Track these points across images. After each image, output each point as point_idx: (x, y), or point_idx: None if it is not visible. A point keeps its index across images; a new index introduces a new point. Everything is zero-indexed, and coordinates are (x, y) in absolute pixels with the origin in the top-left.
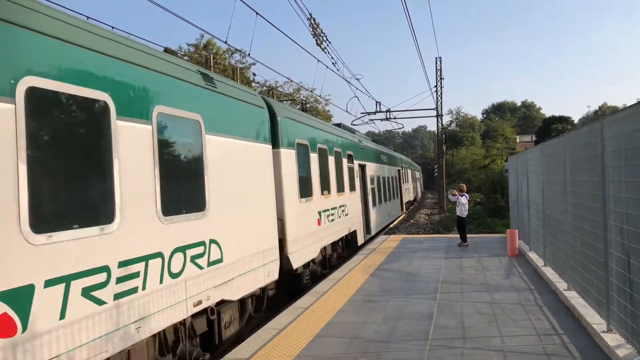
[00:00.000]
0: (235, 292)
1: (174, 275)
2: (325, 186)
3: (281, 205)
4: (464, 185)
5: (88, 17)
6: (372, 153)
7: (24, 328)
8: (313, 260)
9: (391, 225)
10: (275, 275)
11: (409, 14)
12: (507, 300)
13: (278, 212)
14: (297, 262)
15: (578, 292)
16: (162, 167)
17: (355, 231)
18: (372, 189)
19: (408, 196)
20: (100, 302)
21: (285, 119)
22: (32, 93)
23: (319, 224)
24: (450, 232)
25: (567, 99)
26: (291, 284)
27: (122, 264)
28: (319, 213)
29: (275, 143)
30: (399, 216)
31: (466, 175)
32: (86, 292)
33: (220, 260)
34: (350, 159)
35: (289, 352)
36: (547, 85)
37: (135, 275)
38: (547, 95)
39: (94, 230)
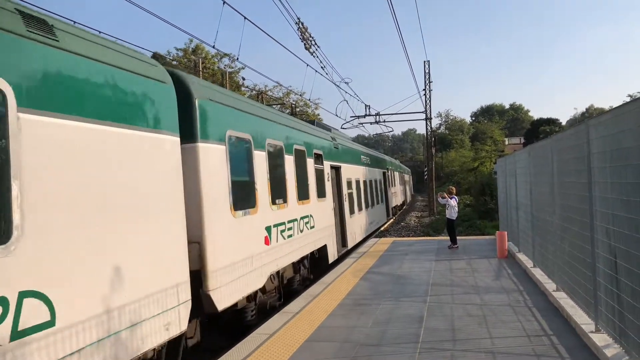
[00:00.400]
0: None
1: None
2: (278, 193)
3: (198, 223)
4: (454, 188)
5: (75, 22)
6: (350, 153)
7: None
8: (263, 289)
9: (382, 229)
10: (181, 327)
11: (397, 17)
12: (497, 301)
13: (191, 232)
14: (225, 299)
15: (567, 292)
16: None
17: (325, 246)
18: (350, 195)
19: (396, 200)
20: None
21: (209, 102)
22: None
23: (267, 242)
24: (440, 235)
25: (555, 101)
26: (233, 322)
27: None
28: (268, 229)
29: (188, 134)
30: (385, 222)
31: (455, 178)
32: None
33: (49, 324)
34: (319, 159)
35: (279, 357)
36: (535, 88)
37: None
38: (535, 98)
39: None
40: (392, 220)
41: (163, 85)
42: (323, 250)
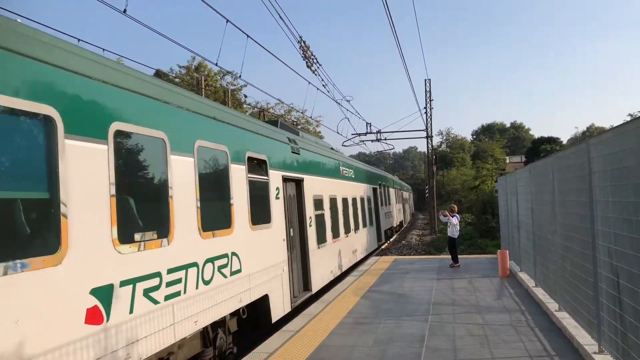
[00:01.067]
0: None
1: None
2: (143, 221)
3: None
4: (455, 206)
5: (79, 40)
6: (320, 163)
7: None
8: None
9: (383, 247)
10: None
11: (398, 36)
12: (499, 321)
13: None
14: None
15: (569, 312)
16: None
17: (266, 297)
18: (319, 217)
19: (391, 222)
20: None
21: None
22: None
23: (95, 318)
24: (441, 253)
25: (556, 120)
26: None
27: None
28: (101, 292)
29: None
30: (376, 249)
31: (457, 196)
32: None
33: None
34: (260, 167)
35: None
36: (535, 107)
37: None
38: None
39: None
40: (385, 245)
41: None
42: (261, 303)
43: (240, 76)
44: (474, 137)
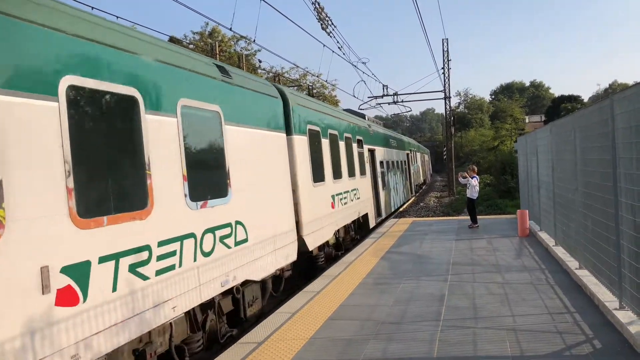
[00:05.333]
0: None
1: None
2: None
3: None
4: (475, 167)
5: (93, 8)
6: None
7: None
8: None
9: (401, 209)
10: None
11: None
12: (519, 280)
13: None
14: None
15: (590, 270)
16: None
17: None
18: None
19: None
20: None
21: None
22: None
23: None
24: (460, 215)
25: (577, 78)
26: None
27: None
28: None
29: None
30: (409, 199)
31: (475, 157)
32: None
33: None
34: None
35: (302, 334)
36: (556, 64)
37: None
38: (556, 75)
39: None
40: (414, 197)
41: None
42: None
43: (254, 41)
44: (493, 97)
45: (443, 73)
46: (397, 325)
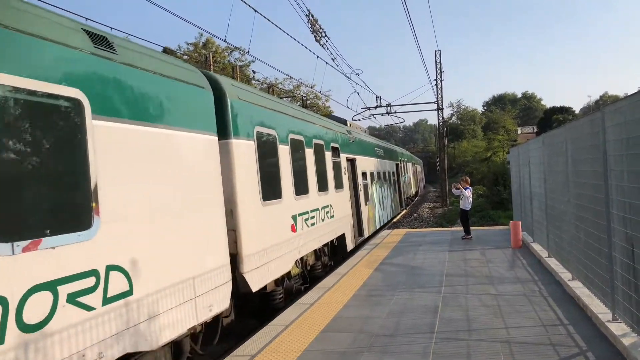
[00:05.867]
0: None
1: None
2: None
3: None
4: (468, 178)
5: (87, 19)
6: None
7: None
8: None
9: (394, 220)
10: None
11: (408, 7)
12: (512, 291)
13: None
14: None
15: (582, 282)
16: None
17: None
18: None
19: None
20: None
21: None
22: None
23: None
24: (453, 226)
25: (568, 90)
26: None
27: None
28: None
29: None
30: (399, 213)
31: (468, 168)
32: None
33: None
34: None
35: (296, 347)
36: (547, 76)
37: None
38: (548, 86)
39: None
40: (405, 210)
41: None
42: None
43: (248, 52)
44: (485, 108)
45: (436, 84)
46: (391, 338)
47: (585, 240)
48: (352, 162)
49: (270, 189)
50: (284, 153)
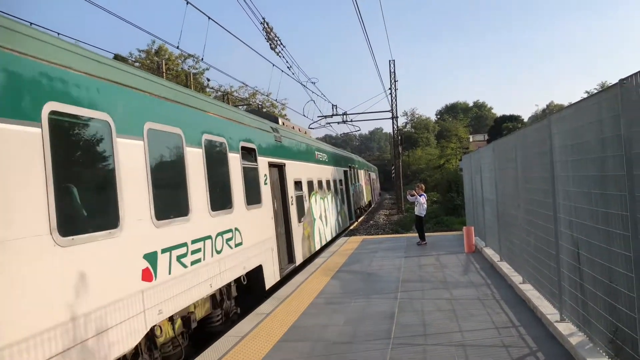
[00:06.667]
0: None
1: None
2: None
3: None
4: (423, 185)
5: (31, 24)
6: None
7: None
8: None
9: (351, 227)
10: None
11: (362, 17)
12: (466, 296)
13: None
14: None
15: (532, 284)
16: None
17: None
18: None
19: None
20: None
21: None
22: None
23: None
24: (408, 232)
25: (517, 99)
26: None
27: None
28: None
29: None
30: (348, 227)
31: (422, 176)
32: None
33: None
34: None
35: (252, 358)
36: (497, 86)
37: None
38: (498, 96)
39: None
40: (356, 223)
41: None
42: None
43: (202, 59)
44: (438, 116)
45: (390, 93)
46: (349, 345)
47: (535, 244)
48: (279, 169)
49: (82, 214)
50: (131, 152)
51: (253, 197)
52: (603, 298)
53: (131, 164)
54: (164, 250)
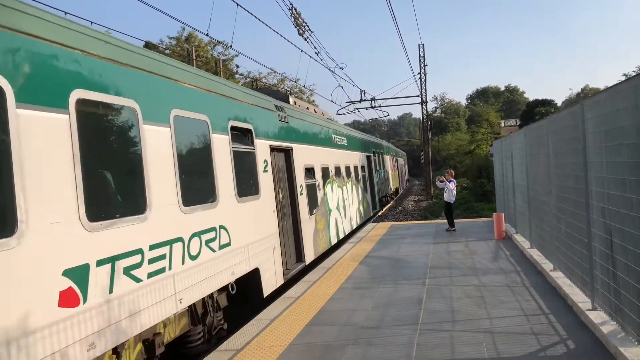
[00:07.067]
0: None
1: None
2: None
3: None
4: (452, 171)
5: (66, 13)
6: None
7: None
8: None
9: (380, 213)
10: None
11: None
12: (495, 282)
13: None
14: None
15: (563, 272)
16: None
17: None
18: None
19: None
20: None
21: None
22: None
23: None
24: (437, 218)
25: (551, 82)
26: None
27: None
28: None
29: None
30: (371, 217)
31: (452, 161)
32: None
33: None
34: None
35: (281, 341)
36: (530, 69)
37: None
38: (531, 79)
39: None
40: (381, 212)
41: None
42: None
43: (231, 46)
44: (469, 101)
45: (420, 78)
46: (376, 330)
47: (566, 231)
48: (286, 154)
49: None
50: (56, 132)
51: (248, 187)
52: (636, 287)
53: (55, 150)
54: (101, 262)
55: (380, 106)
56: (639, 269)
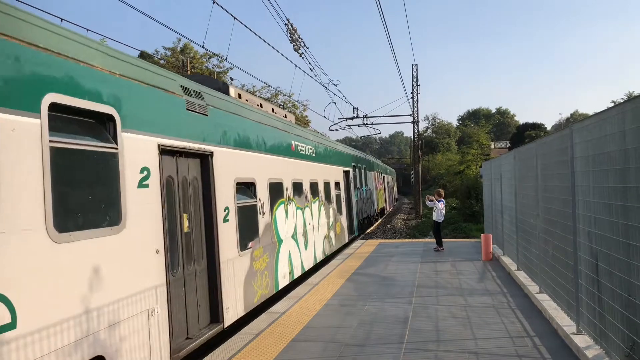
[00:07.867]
0: None
1: None
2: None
3: None
4: (442, 191)
5: (62, 20)
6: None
7: None
8: None
9: (368, 231)
10: None
11: (386, 21)
12: (481, 303)
13: None
14: None
15: (549, 295)
16: None
17: None
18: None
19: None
20: None
21: None
22: None
23: None
24: (426, 237)
25: (541, 106)
26: None
27: None
28: None
29: None
30: (344, 244)
31: (442, 181)
32: None
33: None
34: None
35: (265, 356)
36: (521, 93)
37: None
38: (521, 103)
39: None
40: (357, 238)
41: None
42: None
43: (226, 59)
44: (460, 122)
45: (412, 97)
46: (361, 347)
47: (553, 253)
48: (202, 161)
49: None
50: None
51: (87, 212)
52: (621, 311)
53: None
54: None
55: (372, 124)
56: (624, 293)
